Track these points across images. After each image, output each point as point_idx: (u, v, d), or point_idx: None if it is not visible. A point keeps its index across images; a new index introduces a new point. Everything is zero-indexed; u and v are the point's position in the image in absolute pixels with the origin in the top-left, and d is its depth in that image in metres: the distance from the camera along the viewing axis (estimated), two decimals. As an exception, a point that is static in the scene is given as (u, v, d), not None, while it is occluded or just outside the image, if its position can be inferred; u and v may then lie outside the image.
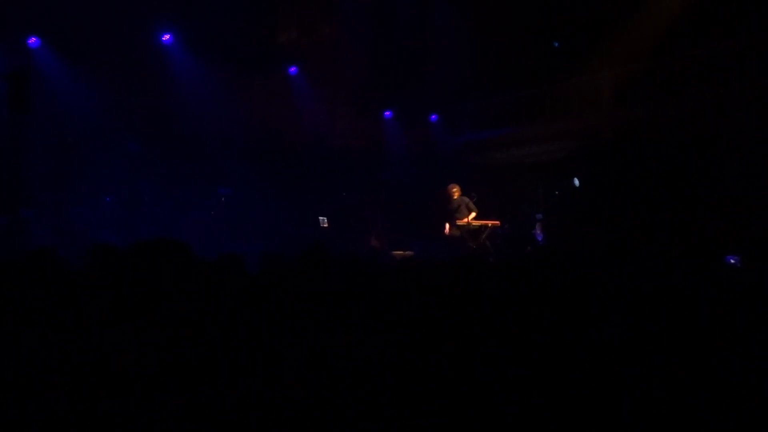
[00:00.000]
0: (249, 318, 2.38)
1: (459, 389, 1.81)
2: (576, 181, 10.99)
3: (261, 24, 11.06)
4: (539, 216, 11.13)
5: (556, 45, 11.66)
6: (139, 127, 9.43)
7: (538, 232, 10.94)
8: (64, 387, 1.67)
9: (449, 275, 3.26)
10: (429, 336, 2.20)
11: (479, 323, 2.32)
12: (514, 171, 12.66)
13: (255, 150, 10.65)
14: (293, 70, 11.50)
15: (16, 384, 1.65)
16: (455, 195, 9.76)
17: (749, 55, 8.89)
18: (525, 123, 11.96)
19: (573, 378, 1.88)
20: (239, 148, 10.35)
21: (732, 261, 5.48)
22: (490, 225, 9.75)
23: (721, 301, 2.62)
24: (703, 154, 9.18)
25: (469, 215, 9.66)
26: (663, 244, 8.12)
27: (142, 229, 8.31)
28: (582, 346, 2.10)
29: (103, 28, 8.92)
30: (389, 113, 12.89)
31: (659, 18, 9.84)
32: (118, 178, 9.13)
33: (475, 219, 9.71)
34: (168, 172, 9.34)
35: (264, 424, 1.69)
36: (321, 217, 10.85)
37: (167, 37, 9.83)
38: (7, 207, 7.44)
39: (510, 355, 2.02)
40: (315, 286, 3.24)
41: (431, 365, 1.98)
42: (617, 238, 8.86)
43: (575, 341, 2.12)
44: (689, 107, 9.47)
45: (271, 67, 11.33)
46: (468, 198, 9.79)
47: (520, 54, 12.09)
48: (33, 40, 8.86)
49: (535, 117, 11.82)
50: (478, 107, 13.15)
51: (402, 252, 9.34)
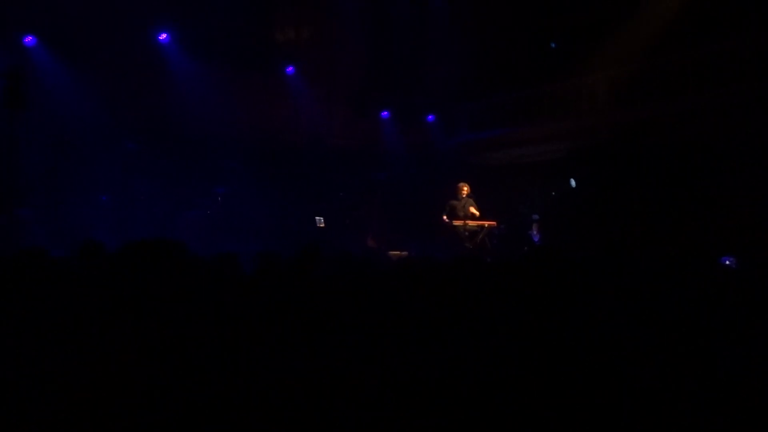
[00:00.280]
0: (245, 317, 2.37)
1: (456, 389, 1.81)
2: (572, 182, 11.01)
3: (258, 23, 11.04)
4: (536, 216, 11.14)
5: (553, 46, 11.67)
6: (136, 126, 9.42)
7: (534, 232, 10.95)
8: (55, 388, 1.66)
9: (446, 275, 3.24)
10: (425, 335, 2.20)
11: (475, 323, 2.31)
12: (510, 171, 12.69)
13: (251, 149, 10.64)
14: (290, 69, 11.49)
15: (4, 385, 1.64)
16: (463, 193, 9.69)
17: (746, 57, 8.91)
18: (522, 123, 11.98)
19: (570, 378, 1.88)
20: (236, 147, 10.34)
21: (727, 262, 5.49)
22: (486, 225, 9.74)
23: (717, 302, 2.62)
24: (700, 155, 9.20)
25: (471, 215, 9.62)
26: (659, 244, 8.13)
27: (138, 229, 8.30)
28: (578, 346, 2.10)
29: (100, 27, 8.90)
30: (386, 113, 12.89)
31: (655, 19, 9.86)
32: (114, 177, 9.12)
33: (473, 220, 9.69)
34: (164, 171, 9.33)
35: (260, 424, 1.68)
36: (317, 217, 10.83)
37: (164, 37, 9.82)
38: (3, 206, 7.42)
39: (506, 355, 2.02)
40: (310, 285, 3.23)
41: (427, 364, 1.97)
42: (613, 238, 8.87)
43: (571, 341, 2.11)
44: (685, 108, 9.49)
45: (268, 67, 11.33)
46: (473, 200, 9.72)
47: (517, 55, 12.11)
48: (29, 38, 8.83)
49: (532, 118, 11.83)
50: (475, 108, 13.16)
51: (398, 252, 9.32)
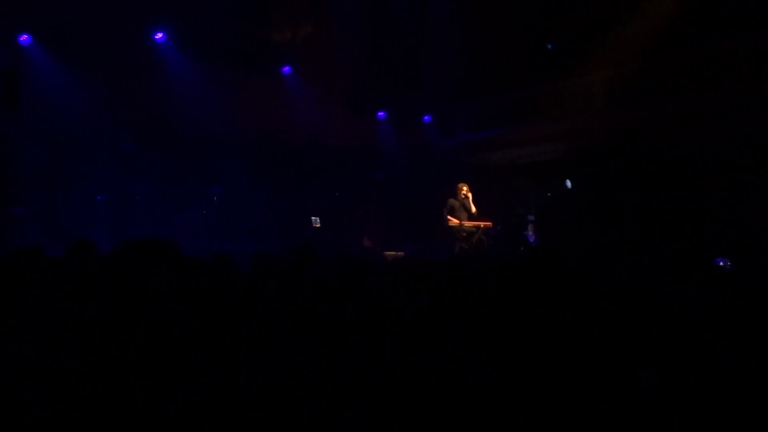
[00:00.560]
0: (240, 317, 2.37)
1: (452, 390, 1.81)
2: (568, 183, 11.03)
3: (255, 23, 11.03)
4: (531, 217, 11.14)
5: (549, 47, 11.69)
6: (132, 126, 9.40)
7: (530, 233, 10.95)
8: (49, 387, 1.65)
9: (441, 275, 3.25)
10: (420, 336, 2.20)
11: (471, 323, 2.32)
12: (506, 172, 12.69)
13: (248, 149, 10.63)
14: (287, 70, 11.48)
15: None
16: (464, 194, 9.66)
17: (742, 58, 8.94)
18: (518, 124, 12.00)
19: (566, 379, 1.88)
20: (232, 147, 10.33)
21: (721, 263, 5.50)
22: (483, 226, 9.74)
23: (711, 303, 2.63)
24: (696, 156, 9.23)
25: (467, 216, 9.61)
26: (654, 245, 8.15)
27: (134, 229, 8.29)
28: (575, 347, 2.10)
29: (97, 26, 8.87)
30: (383, 114, 12.89)
31: (653, 20, 9.88)
32: (110, 176, 9.09)
33: (469, 220, 9.68)
34: (161, 171, 9.32)
35: (254, 425, 1.68)
36: (313, 217, 10.83)
37: (160, 36, 9.79)
38: (-1, 205, 7.40)
39: (503, 356, 2.02)
40: (305, 286, 3.23)
41: (423, 365, 1.98)
42: (609, 239, 8.89)
43: (568, 342, 2.12)
44: (682, 109, 9.52)
45: (265, 67, 11.31)
46: (470, 199, 9.68)
47: (514, 55, 12.12)
48: (24, 37, 8.79)
49: (529, 118, 11.85)
50: (472, 108, 13.18)
51: (394, 252, 9.32)
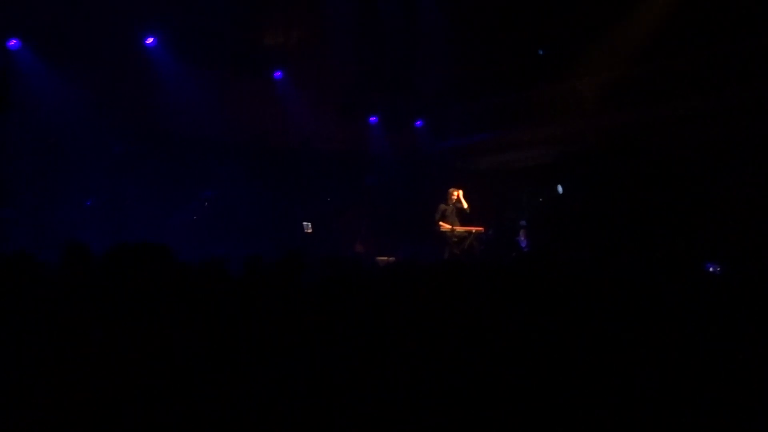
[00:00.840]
0: (231, 322, 2.37)
1: (443, 394, 1.82)
2: (559, 188, 11.08)
3: (247, 27, 11.02)
4: (523, 222, 11.19)
5: (540, 53, 11.75)
6: (123, 129, 9.37)
7: (522, 238, 11.00)
8: (37, 393, 1.65)
9: (433, 280, 3.26)
10: (412, 340, 2.21)
11: (462, 327, 2.33)
12: (498, 176, 12.74)
13: (239, 153, 10.61)
14: (278, 74, 11.48)
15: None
16: (455, 198, 9.67)
17: (733, 62, 9.02)
18: (510, 128, 12.03)
19: (556, 383, 1.90)
20: (223, 151, 10.32)
21: (711, 269, 5.54)
22: (474, 231, 9.78)
23: (700, 309, 2.66)
24: (688, 160, 9.30)
25: (459, 220, 9.63)
26: (646, 250, 8.20)
27: (124, 233, 8.24)
28: (566, 350, 2.12)
29: (87, 30, 8.84)
30: (374, 119, 12.91)
31: (644, 24, 9.96)
32: (100, 180, 9.05)
33: (462, 224, 9.71)
34: (151, 174, 9.27)
35: (246, 429, 1.69)
36: (305, 222, 10.81)
37: (150, 41, 9.76)
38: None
39: (494, 359, 2.03)
40: (296, 291, 3.23)
41: (414, 368, 1.99)
42: (601, 244, 8.94)
43: (559, 346, 2.14)
44: (673, 114, 9.59)
45: (257, 71, 11.31)
46: (461, 203, 9.70)
47: (505, 59, 12.17)
48: (13, 42, 8.73)
49: (520, 122, 11.89)
50: (463, 112, 13.20)
51: (386, 257, 9.33)
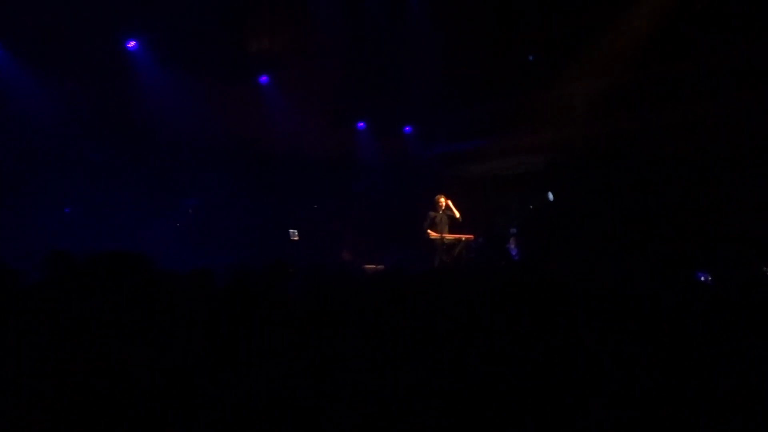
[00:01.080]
0: (215, 332, 2.35)
1: (431, 405, 1.81)
2: (550, 195, 11.13)
3: (231, 31, 10.99)
4: (513, 230, 11.22)
5: (530, 59, 11.83)
6: (104, 135, 9.28)
7: (512, 246, 11.02)
8: (13, 405, 1.62)
9: (422, 288, 3.26)
10: (400, 349, 2.21)
11: (451, 337, 2.32)
12: (488, 184, 12.77)
13: (224, 160, 10.57)
14: (264, 79, 11.46)
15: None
16: (443, 206, 9.67)
17: (724, 71, 9.14)
18: (500, 135, 12.09)
19: (547, 393, 1.90)
20: (207, 157, 10.26)
21: (702, 278, 5.57)
22: (464, 239, 9.79)
23: (691, 317, 2.67)
24: (678, 168, 9.37)
25: (448, 228, 9.63)
26: (637, 258, 8.24)
27: (103, 242, 8.14)
28: (557, 360, 2.12)
29: (67, 32, 8.76)
30: (362, 124, 12.92)
31: (634, 32, 10.05)
32: (79, 187, 8.95)
33: (451, 232, 9.72)
34: (133, 181, 9.20)
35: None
36: (291, 230, 10.78)
37: (132, 44, 9.70)
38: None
39: (485, 370, 2.02)
40: (281, 300, 3.21)
41: (402, 380, 1.98)
42: (592, 252, 8.97)
43: (550, 355, 2.13)
44: (663, 122, 9.69)
45: (242, 76, 11.27)
46: (452, 211, 9.70)
47: (495, 66, 12.23)
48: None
49: (510, 129, 11.95)
50: (452, 119, 13.26)
51: (374, 266, 9.32)
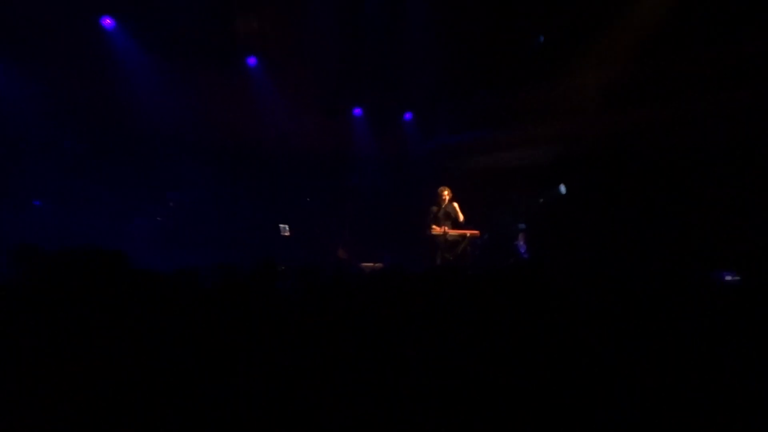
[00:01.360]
0: (199, 337, 2.34)
1: (433, 410, 1.82)
2: (562, 188, 11.12)
3: (217, 12, 10.94)
4: (522, 226, 11.21)
5: (541, 40, 11.80)
6: (78, 123, 9.24)
7: (520, 243, 11.02)
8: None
9: (422, 288, 3.25)
10: (399, 354, 2.20)
11: (454, 341, 2.32)
12: (495, 177, 12.74)
13: (208, 150, 10.55)
14: (252, 61, 11.40)
15: None
16: (446, 199, 9.63)
17: (745, 60, 9.11)
18: (507, 125, 12.06)
19: (557, 402, 1.89)
20: (191, 148, 10.24)
21: (728, 278, 5.56)
22: (468, 235, 9.77)
23: (715, 320, 2.66)
24: (697, 162, 9.36)
25: (450, 223, 9.62)
26: (653, 257, 8.24)
27: (77, 238, 8.10)
28: (567, 364, 2.11)
29: (39, 13, 8.71)
30: (359, 111, 12.88)
31: (651, 17, 10.02)
32: (51, 179, 8.90)
33: (454, 228, 9.70)
34: (109, 173, 9.15)
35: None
36: (282, 225, 10.77)
37: (108, 22, 9.61)
38: None
39: (490, 376, 2.02)
40: (273, 302, 3.20)
41: (402, 384, 1.97)
42: (606, 249, 8.97)
43: (560, 359, 2.13)
44: (681, 112, 9.65)
45: (229, 60, 11.23)
46: (455, 205, 9.68)
47: (501, 52, 12.20)
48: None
49: (518, 119, 11.91)
50: (456, 107, 13.22)
51: (371, 264, 9.32)
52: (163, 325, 2.34)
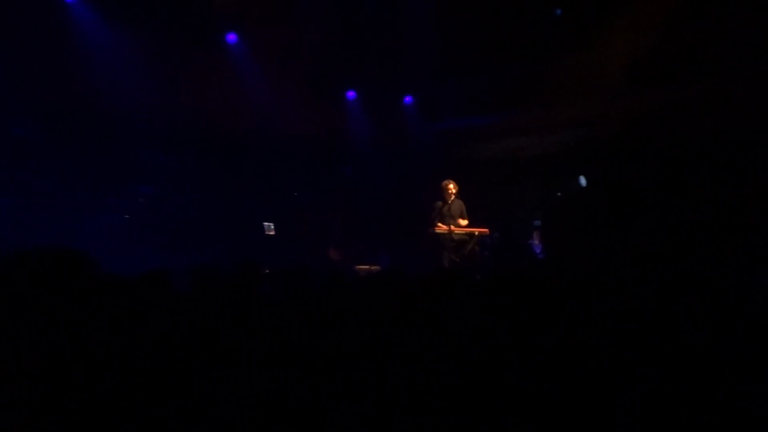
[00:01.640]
0: (174, 347, 2.33)
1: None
2: (582, 180, 11.13)
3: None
4: (537, 222, 11.22)
5: (558, 13, 11.80)
6: (33, 107, 9.22)
7: (535, 242, 11.03)
8: None
9: (425, 295, 3.24)
10: (397, 369, 2.20)
11: (460, 356, 2.31)
12: (506, 167, 12.78)
13: (182, 138, 10.56)
14: (232, 37, 11.40)
15: None
16: (452, 194, 9.63)
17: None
18: (520, 107, 12.08)
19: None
20: (162, 135, 10.24)
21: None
22: (477, 233, 9.78)
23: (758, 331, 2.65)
24: (737, 147, 9.35)
25: (458, 222, 9.63)
26: (691, 259, 8.23)
27: (32, 237, 8.11)
28: (591, 384, 2.10)
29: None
30: (353, 93, 12.89)
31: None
32: (1, 170, 8.89)
33: (461, 225, 9.71)
34: (68, 164, 9.15)
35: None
36: (266, 223, 10.79)
37: None
38: None
39: (502, 396, 2.01)
40: (256, 308, 3.20)
41: (402, 405, 1.97)
42: (633, 251, 8.98)
43: (583, 378, 2.12)
44: (721, 90, 9.65)
45: (205, 35, 11.22)
46: (461, 204, 9.70)
47: (514, 24, 12.20)
48: None
49: (532, 101, 11.93)
50: (462, 88, 13.24)
51: (367, 266, 9.34)
52: (130, 338, 2.33)
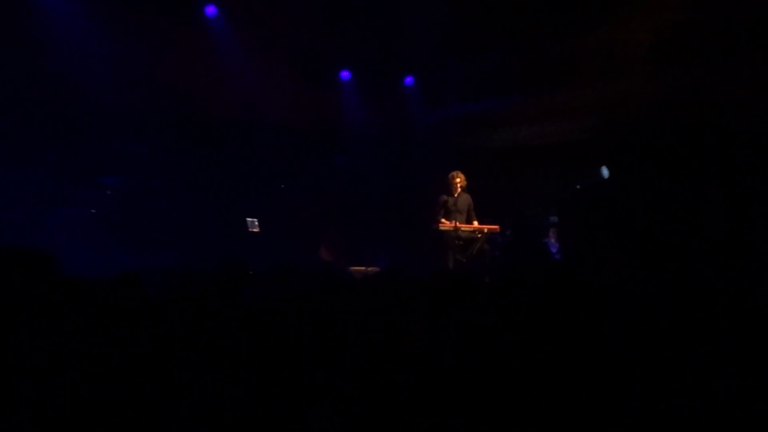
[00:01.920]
0: (146, 358, 2.35)
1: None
2: (604, 171, 11.16)
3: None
4: (553, 219, 11.25)
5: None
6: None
7: (551, 240, 11.07)
8: None
9: (427, 299, 3.27)
10: (395, 379, 2.22)
11: (466, 367, 2.33)
12: (517, 157, 12.79)
13: (156, 124, 10.52)
14: (212, 11, 11.37)
15: None
16: (459, 187, 9.64)
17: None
18: (534, 90, 12.09)
19: None
20: (133, 120, 10.21)
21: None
22: (486, 231, 9.79)
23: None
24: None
25: (463, 218, 9.64)
26: (719, 254, 8.25)
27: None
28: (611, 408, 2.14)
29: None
30: (347, 74, 12.88)
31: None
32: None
33: (468, 222, 9.72)
34: (26, 153, 9.13)
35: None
36: (250, 219, 10.79)
37: None
38: None
39: (513, 412, 2.04)
40: (239, 313, 3.22)
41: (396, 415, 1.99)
42: (660, 250, 8.99)
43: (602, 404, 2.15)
44: (753, 73, 9.66)
45: (181, 8, 11.20)
46: (470, 198, 9.71)
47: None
48: None
49: (548, 83, 11.95)
50: (469, 68, 13.22)
51: (363, 268, 9.34)
52: (98, 347, 2.34)
